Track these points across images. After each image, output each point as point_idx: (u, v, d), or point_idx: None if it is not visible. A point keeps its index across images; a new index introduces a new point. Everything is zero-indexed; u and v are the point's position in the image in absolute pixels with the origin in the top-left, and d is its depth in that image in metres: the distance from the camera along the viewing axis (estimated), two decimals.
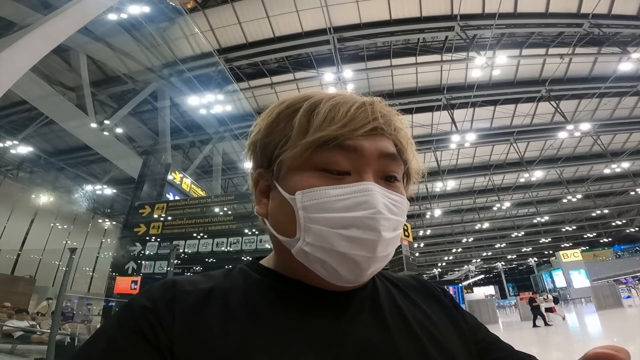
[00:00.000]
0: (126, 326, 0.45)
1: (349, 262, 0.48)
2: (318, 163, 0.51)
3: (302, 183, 0.51)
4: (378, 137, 0.53)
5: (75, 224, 19.28)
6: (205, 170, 16.92)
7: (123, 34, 9.97)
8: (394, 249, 0.53)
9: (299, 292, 0.53)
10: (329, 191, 0.50)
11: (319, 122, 0.52)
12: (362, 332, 0.51)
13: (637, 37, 12.42)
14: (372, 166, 0.52)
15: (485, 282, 44.57)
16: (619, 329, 10.21)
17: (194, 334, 0.45)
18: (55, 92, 10.00)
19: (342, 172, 0.51)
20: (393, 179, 0.55)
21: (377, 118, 0.53)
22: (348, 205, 0.49)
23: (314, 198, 0.49)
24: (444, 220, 28.45)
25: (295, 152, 0.51)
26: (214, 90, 12.17)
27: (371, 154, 0.52)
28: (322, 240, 0.48)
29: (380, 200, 0.50)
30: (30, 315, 8.93)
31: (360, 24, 11.62)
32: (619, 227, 33.78)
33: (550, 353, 8.03)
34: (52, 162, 15.51)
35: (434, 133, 17.00)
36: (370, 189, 0.50)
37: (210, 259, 11.25)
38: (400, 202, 0.53)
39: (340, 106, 0.53)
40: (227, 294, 0.51)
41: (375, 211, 0.48)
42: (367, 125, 0.52)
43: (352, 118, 0.51)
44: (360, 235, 0.48)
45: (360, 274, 0.50)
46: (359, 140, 0.51)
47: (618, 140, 19.18)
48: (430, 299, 0.63)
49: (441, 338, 0.54)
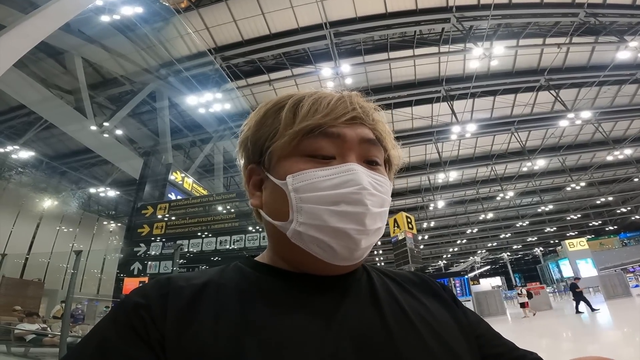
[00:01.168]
0: (119, 322, 0.47)
1: (342, 237, 0.52)
2: (305, 150, 0.56)
3: (291, 168, 0.56)
4: (358, 125, 0.59)
5: (80, 227, 19.44)
6: (207, 169, 16.96)
7: (117, 36, 9.93)
8: (383, 226, 0.57)
9: (292, 283, 0.56)
10: (317, 172, 0.54)
11: (303, 113, 0.57)
12: (357, 318, 0.52)
13: (633, 26, 12.32)
14: (355, 150, 0.57)
15: (492, 273, 44.40)
16: (630, 320, 10.16)
17: (185, 328, 0.47)
18: (54, 96, 9.99)
19: (327, 157, 0.56)
20: (375, 162, 0.60)
21: (355, 108, 0.58)
22: (335, 183, 0.53)
23: (304, 180, 0.54)
24: (447, 212, 28.39)
25: (284, 141, 0.56)
26: (212, 89, 12.16)
27: (353, 139, 0.57)
28: (314, 217, 0.52)
29: (365, 178, 0.54)
30: (41, 318, 9.04)
31: (356, 18, 11.58)
32: (624, 214, 33.58)
33: (560, 343, 8.04)
34: (55, 166, 15.59)
35: (435, 125, 17.00)
36: (354, 168, 0.55)
37: (214, 257, 11.29)
38: (383, 182, 0.58)
39: (322, 99, 0.59)
40: (220, 288, 0.53)
41: (360, 187, 0.53)
42: (347, 114, 0.58)
43: (333, 108, 0.57)
44: (349, 209, 0.52)
45: (354, 249, 0.53)
46: (341, 127, 0.57)
47: (620, 127, 19.08)
48: (429, 293, 0.65)
49: (441, 331, 0.56)
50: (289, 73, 13.18)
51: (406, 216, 16.82)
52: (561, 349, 7.17)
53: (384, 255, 35.14)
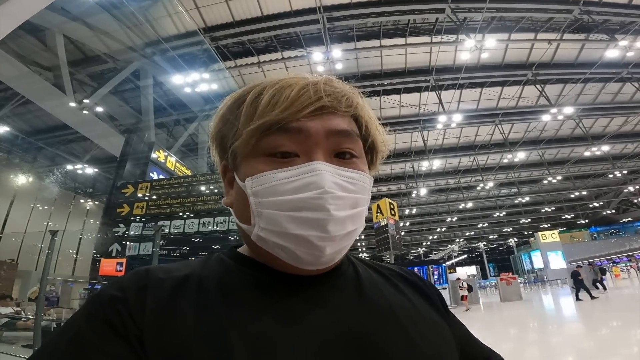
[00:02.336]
0: (94, 316, 0.44)
1: (305, 244, 0.48)
2: (265, 148, 0.51)
3: (251, 169, 0.51)
4: (326, 115, 0.52)
5: (56, 205, 18.80)
6: (191, 148, 16.69)
7: (102, 14, 9.54)
8: (359, 226, 0.53)
9: (275, 278, 0.53)
10: (276, 175, 0.49)
11: (262, 108, 0.51)
12: (343, 314, 0.51)
13: (625, 25, 12.49)
14: (321, 145, 0.52)
15: (468, 262, 45.70)
16: (590, 315, 10.59)
17: (165, 322, 0.44)
18: (31, 72, 9.59)
19: (288, 155, 0.51)
20: (348, 155, 0.54)
21: (321, 98, 0.51)
22: (296, 187, 0.48)
23: (263, 183, 0.50)
24: (429, 199, 28.95)
25: (242, 140, 0.52)
26: (199, 69, 11.85)
27: (318, 133, 0.51)
28: (274, 224, 0.48)
29: (329, 179, 0.49)
30: (14, 301, 8.77)
31: (350, 4, 11.34)
32: (596, 209, 34.90)
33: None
34: (30, 142, 15.02)
35: (422, 113, 17.12)
36: (317, 168, 0.49)
37: (196, 238, 11.14)
38: (357, 179, 0.53)
39: (284, 90, 0.52)
40: (202, 281, 0.51)
41: (322, 191, 0.48)
42: (311, 105, 0.51)
43: (294, 100, 0.51)
44: (309, 215, 0.47)
45: (319, 256, 0.49)
46: (303, 121, 0.51)
47: (599, 124, 19.63)
48: (416, 290, 0.63)
49: (424, 326, 0.55)
50: (279, 56, 12.90)
51: (389, 202, 17.00)
52: (527, 339, 7.64)
53: (365, 240, 35.57)
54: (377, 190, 24.24)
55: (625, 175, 26.58)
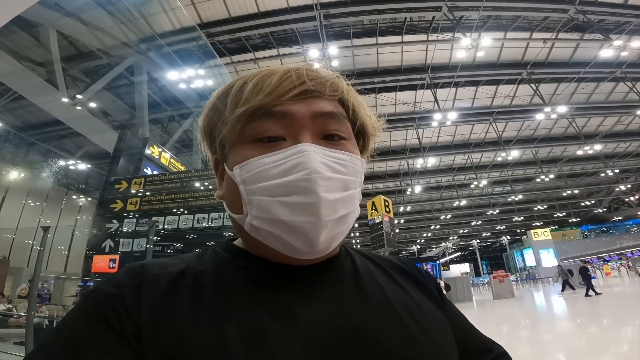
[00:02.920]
0: (90, 314, 0.43)
1: (297, 231, 0.47)
2: (251, 134, 0.51)
3: (238, 157, 0.51)
4: (310, 99, 0.52)
5: (48, 201, 18.54)
6: (185, 144, 16.54)
7: (96, 9, 9.41)
8: (352, 211, 0.52)
9: (271, 270, 0.52)
10: (263, 159, 0.49)
11: (246, 95, 0.51)
12: (340, 307, 0.50)
13: (620, 25, 12.56)
14: (308, 128, 0.51)
15: (461, 260, 46.02)
16: (581, 310, 10.72)
17: (162, 318, 0.44)
18: (24, 68, 9.45)
19: (275, 139, 0.51)
20: (336, 137, 0.53)
21: (304, 82, 0.52)
22: (283, 169, 0.48)
23: (250, 169, 0.49)
24: (423, 197, 29.04)
25: (228, 128, 0.52)
26: (194, 65, 11.73)
27: (303, 115, 0.51)
28: (265, 211, 0.48)
29: (317, 159, 0.48)
30: (6, 298, 8.69)
31: (347, 1, 11.31)
32: (588, 207, 35.25)
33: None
34: (22, 137, 14.82)
35: (417, 111, 17.17)
36: (304, 149, 0.48)
37: (191, 235, 11.08)
38: (347, 160, 0.52)
39: (267, 77, 0.52)
40: (198, 276, 0.50)
41: (309, 171, 0.47)
42: (294, 89, 0.51)
43: (276, 86, 0.51)
44: (299, 199, 0.46)
45: (313, 243, 0.48)
46: (288, 105, 0.51)
47: (592, 123, 19.80)
48: (414, 281, 0.63)
49: (423, 318, 0.54)
50: (275, 52, 12.84)
51: (384, 199, 17.03)
52: (519, 335, 7.80)
53: (360, 237, 35.66)
54: (372, 187, 24.31)
55: (617, 174, 26.85)
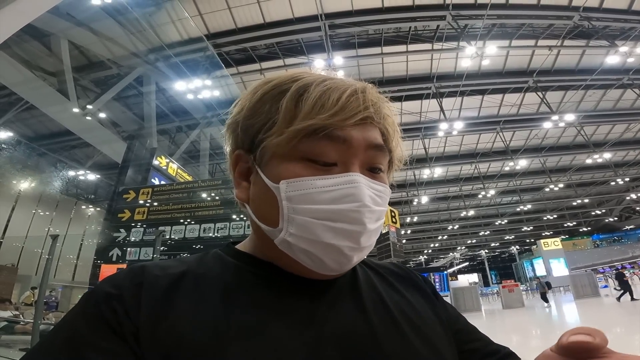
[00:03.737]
0: (89, 313, 0.44)
1: (335, 253, 0.48)
2: (305, 152, 0.49)
3: (287, 172, 0.49)
4: (367, 126, 0.52)
5: (57, 210, 18.81)
6: (192, 155, 16.68)
7: (107, 19, 9.61)
8: (377, 238, 0.53)
9: (276, 277, 0.53)
10: (315, 182, 0.48)
11: (307, 108, 0.49)
12: (341, 316, 0.51)
13: (626, 31, 12.52)
14: (359, 157, 0.51)
15: (469, 270, 45.45)
16: (593, 318, 10.55)
17: (161, 320, 0.44)
18: (36, 77, 9.62)
19: (329, 164, 0.50)
20: (378, 170, 0.54)
21: (368, 107, 0.51)
22: (334, 197, 0.48)
23: (300, 189, 0.48)
24: (430, 207, 28.85)
25: (281, 140, 0.49)
26: (201, 76, 11.90)
27: (359, 144, 0.51)
28: (306, 231, 0.48)
29: (366, 192, 0.49)
30: (13, 305, 8.76)
31: (352, 11, 11.43)
32: (599, 216, 34.73)
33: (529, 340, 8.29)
34: (34, 148, 15.07)
35: (423, 121, 17.12)
36: (356, 180, 0.49)
37: (197, 245, 11.11)
38: (383, 192, 0.53)
39: (331, 92, 0.50)
40: (199, 278, 0.50)
41: (361, 204, 0.48)
42: (358, 114, 0.50)
43: (343, 107, 0.49)
44: (345, 227, 0.47)
45: (345, 263, 0.50)
46: (348, 130, 0.50)
47: (601, 131, 19.59)
48: (412, 287, 0.64)
49: (422, 325, 0.55)
50: (281, 63, 12.96)
51: (390, 210, 16.94)
52: (529, 344, 7.70)
53: None
54: None
55: (628, 183, 26.48)
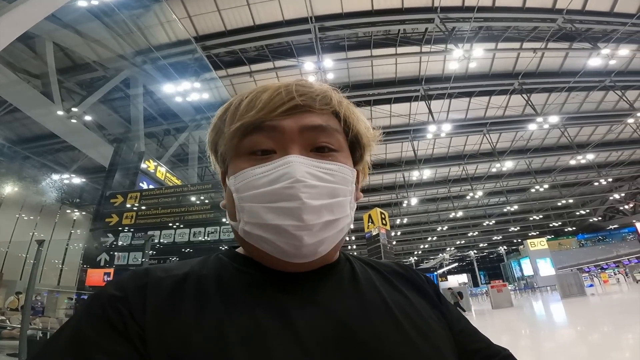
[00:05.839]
0: (94, 315, 0.44)
1: (282, 233, 0.50)
2: (246, 148, 0.56)
3: (234, 168, 0.56)
4: (301, 114, 0.56)
5: (42, 215, 18.42)
6: (181, 158, 16.55)
7: (93, 21, 9.46)
8: (342, 218, 0.54)
9: (273, 277, 0.55)
10: (254, 170, 0.53)
11: (241, 111, 0.56)
12: (340, 313, 0.52)
13: (608, 33, 12.80)
14: (297, 141, 0.55)
15: (459, 271, 45.86)
16: (580, 317, 10.69)
17: (166, 320, 0.45)
18: (19, 80, 9.42)
19: (267, 151, 0.55)
20: (326, 149, 0.57)
21: (293, 98, 0.55)
22: (271, 179, 0.51)
23: (242, 179, 0.54)
24: (420, 209, 29.01)
25: (225, 142, 0.57)
26: (190, 78, 11.79)
27: (292, 129, 0.55)
28: (254, 216, 0.52)
29: (302, 169, 0.52)
30: None
31: (342, 14, 11.45)
32: (583, 216, 35.38)
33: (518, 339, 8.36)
34: (17, 151, 14.74)
35: (412, 123, 17.21)
36: (290, 161, 0.52)
37: (187, 249, 11.00)
38: (335, 170, 0.55)
39: (260, 94, 0.57)
40: (201, 280, 0.53)
41: (293, 180, 0.50)
42: (283, 105, 0.55)
43: (268, 102, 0.55)
44: (284, 204, 0.50)
45: (298, 246, 0.50)
46: (278, 120, 0.55)
47: (584, 132, 19.98)
48: (413, 286, 0.65)
49: (423, 325, 0.56)
50: (271, 65, 12.93)
51: (380, 212, 16.99)
52: (519, 344, 7.67)
53: (357, 250, 35.48)
54: (368, 200, 24.28)
55: (611, 183, 27.04)
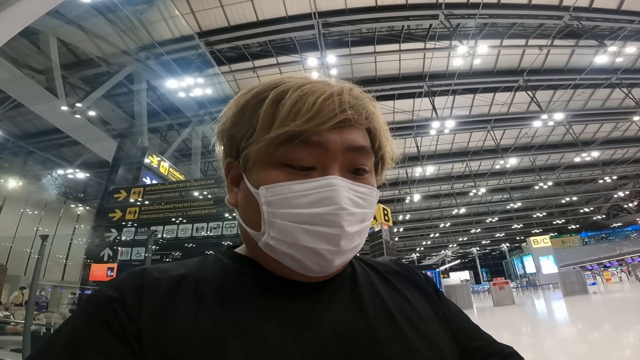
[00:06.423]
0: (90, 316, 0.44)
1: (315, 256, 0.49)
2: (283, 158, 0.50)
3: (266, 178, 0.51)
4: (346, 128, 0.52)
5: (46, 210, 18.54)
6: (184, 153, 16.54)
7: (97, 17, 9.45)
8: (364, 239, 0.53)
9: (273, 279, 0.53)
10: (292, 186, 0.49)
11: (283, 115, 0.49)
12: (340, 316, 0.51)
13: (615, 31, 12.69)
14: (339, 160, 0.51)
15: (461, 267, 45.90)
16: (581, 315, 10.68)
17: (163, 322, 0.45)
18: (23, 75, 9.47)
19: (307, 168, 0.50)
20: (362, 171, 0.54)
21: (344, 110, 0.50)
22: (311, 200, 0.48)
23: (278, 193, 0.49)
24: (422, 205, 29.01)
25: (259, 147, 0.50)
26: (193, 74, 11.79)
27: (337, 147, 0.51)
28: (286, 235, 0.49)
29: (344, 195, 0.49)
30: (3, 305, 8.62)
31: (345, 10, 11.41)
32: (587, 214, 35.26)
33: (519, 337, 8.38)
34: (21, 146, 14.80)
35: (415, 119, 17.21)
36: (334, 183, 0.49)
37: (189, 244, 11.02)
38: (367, 194, 0.53)
39: (307, 97, 0.50)
40: (199, 281, 0.51)
41: (337, 207, 0.48)
42: (334, 118, 0.50)
43: (318, 111, 0.49)
44: (323, 230, 0.48)
45: (327, 267, 0.50)
46: (325, 134, 0.50)
47: (589, 130, 19.88)
48: (412, 285, 0.64)
49: (422, 325, 0.55)
50: (274, 61, 12.91)
51: (383, 208, 17.00)
52: (520, 342, 7.63)
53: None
54: None
55: (615, 181, 26.89)
